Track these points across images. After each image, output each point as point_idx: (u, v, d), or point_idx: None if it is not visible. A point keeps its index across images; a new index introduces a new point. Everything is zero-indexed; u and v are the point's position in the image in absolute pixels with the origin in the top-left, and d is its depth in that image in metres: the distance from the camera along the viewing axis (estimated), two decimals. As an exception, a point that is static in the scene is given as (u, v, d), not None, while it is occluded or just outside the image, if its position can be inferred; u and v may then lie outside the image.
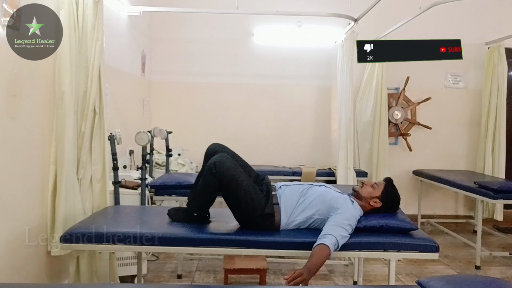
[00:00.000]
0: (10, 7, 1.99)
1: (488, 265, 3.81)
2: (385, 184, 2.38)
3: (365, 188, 2.36)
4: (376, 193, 2.34)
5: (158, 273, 3.38)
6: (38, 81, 2.36)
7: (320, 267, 2.01)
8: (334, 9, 4.23)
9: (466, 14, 5.05)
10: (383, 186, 2.37)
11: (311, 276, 1.94)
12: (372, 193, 2.34)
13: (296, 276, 1.89)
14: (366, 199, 2.34)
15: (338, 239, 2.04)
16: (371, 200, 2.33)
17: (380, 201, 2.33)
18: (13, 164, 2.16)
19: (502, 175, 4.81)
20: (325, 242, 2.01)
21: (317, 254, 2.00)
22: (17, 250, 2.21)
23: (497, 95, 4.88)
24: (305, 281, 1.90)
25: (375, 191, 2.34)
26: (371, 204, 2.33)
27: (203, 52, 5.08)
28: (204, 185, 2.26)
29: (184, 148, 4.63)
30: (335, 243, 2.02)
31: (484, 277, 2.04)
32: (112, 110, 3.51)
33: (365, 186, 2.37)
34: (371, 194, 2.34)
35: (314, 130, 5.25)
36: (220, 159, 2.20)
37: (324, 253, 2.00)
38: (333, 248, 2.01)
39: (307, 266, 1.96)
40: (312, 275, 1.96)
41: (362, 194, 2.34)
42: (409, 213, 3.79)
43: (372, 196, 2.33)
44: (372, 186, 2.36)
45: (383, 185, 2.37)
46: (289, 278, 1.89)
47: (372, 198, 2.33)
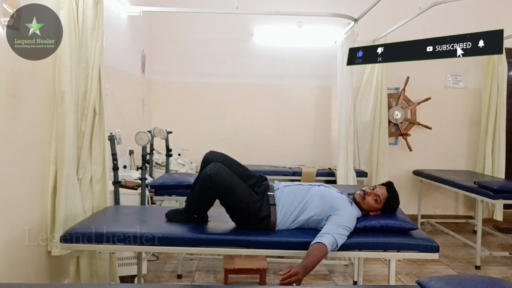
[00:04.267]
0: (10, 7, 1.99)
1: (488, 265, 3.81)
2: (387, 198, 2.34)
3: (367, 201, 2.32)
4: (377, 207, 2.33)
5: (158, 273, 3.38)
6: (38, 81, 2.36)
7: (315, 265, 2.01)
8: (334, 9, 4.23)
9: (466, 14, 5.04)
10: (385, 199, 2.33)
11: (306, 274, 1.95)
12: (373, 207, 2.33)
13: (291, 274, 1.90)
14: (366, 210, 2.34)
15: (336, 239, 2.04)
16: (370, 211, 2.34)
17: (380, 211, 2.34)
18: (13, 164, 2.16)
19: (502, 175, 4.81)
20: (323, 241, 2.02)
21: (314, 253, 2.01)
22: (17, 250, 2.22)
23: (497, 95, 4.88)
24: (299, 281, 1.91)
25: (377, 205, 2.32)
26: (370, 214, 2.34)
27: (203, 52, 5.08)
28: (201, 195, 2.29)
29: (184, 148, 4.63)
30: (333, 242, 2.02)
31: (484, 277, 2.04)
32: (112, 110, 3.51)
33: (367, 199, 2.32)
34: (372, 207, 2.33)
35: (314, 130, 5.25)
36: (213, 171, 2.21)
37: (320, 252, 2.00)
38: (331, 247, 2.01)
39: (303, 264, 1.97)
40: (307, 273, 1.97)
41: (363, 207, 2.33)
42: (409, 213, 3.80)
43: (374, 208, 2.33)
44: (375, 200, 2.32)
45: (385, 197, 2.33)
46: (285, 276, 1.89)
47: (372, 210, 2.34)
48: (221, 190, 2.22)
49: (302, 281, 1.94)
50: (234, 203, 2.24)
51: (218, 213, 2.51)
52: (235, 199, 2.23)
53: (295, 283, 1.89)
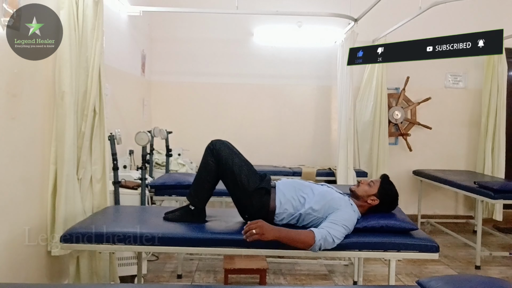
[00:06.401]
0: (10, 7, 1.99)
1: (488, 265, 3.81)
2: (381, 181, 2.37)
3: (361, 187, 2.36)
4: (372, 191, 2.33)
5: (158, 273, 3.38)
6: (38, 81, 2.36)
7: (290, 241, 2.03)
8: (334, 9, 4.23)
9: (466, 14, 5.05)
10: (379, 183, 2.36)
11: (274, 237, 2.00)
12: (369, 191, 2.33)
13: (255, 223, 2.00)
14: (363, 197, 2.33)
15: (331, 234, 2.03)
16: (368, 198, 2.32)
17: (378, 199, 2.32)
18: (13, 164, 2.16)
19: (502, 175, 4.81)
20: (314, 230, 2.04)
21: (299, 232, 2.07)
22: (17, 250, 2.22)
23: (497, 95, 4.88)
24: (262, 236, 1.97)
25: (371, 189, 2.33)
26: (368, 202, 2.32)
27: (203, 52, 5.08)
28: (203, 165, 2.33)
29: (184, 148, 4.63)
30: (325, 235, 2.02)
31: (484, 277, 2.04)
32: (112, 110, 3.51)
33: (361, 185, 2.37)
34: (368, 192, 2.33)
35: (314, 130, 5.25)
36: (218, 140, 2.35)
37: (307, 236, 2.02)
38: (319, 239, 2.01)
39: (282, 228, 2.08)
40: (276, 238, 2.01)
41: (359, 193, 2.34)
42: (409, 213, 3.80)
43: (369, 194, 2.33)
44: (368, 184, 2.35)
45: (379, 182, 2.36)
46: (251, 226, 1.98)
47: (369, 196, 2.32)
48: (223, 155, 2.27)
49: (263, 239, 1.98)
50: (234, 170, 2.26)
51: (219, 213, 2.52)
52: (235, 167, 2.26)
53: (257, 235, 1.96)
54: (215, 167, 2.29)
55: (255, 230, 1.97)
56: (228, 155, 2.29)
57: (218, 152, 2.29)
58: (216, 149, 2.30)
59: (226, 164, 2.28)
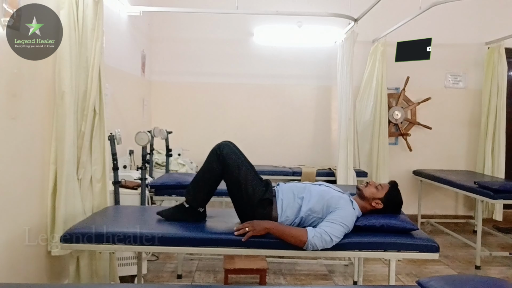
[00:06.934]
0: (10, 7, 1.99)
1: (488, 265, 3.81)
2: (389, 187, 2.36)
3: (369, 188, 2.35)
4: (379, 195, 2.33)
5: (158, 273, 3.38)
6: (38, 81, 2.36)
7: (281, 234, 2.08)
8: (334, 9, 4.23)
9: (466, 14, 5.05)
10: (387, 188, 2.35)
11: (265, 229, 2.09)
12: (376, 194, 2.33)
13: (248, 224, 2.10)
14: (369, 199, 2.33)
15: (327, 232, 2.05)
16: (373, 201, 2.32)
17: (382, 203, 2.32)
18: (13, 164, 2.16)
19: (502, 175, 4.81)
20: (308, 228, 2.09)
21: (292, 227, 2.15)
22: (17, 250, 2.22)
23: (497, 95, 4.88)
24: (255, 231, 2.07)
25: (378, 193, 2.33)
26: (372, 205, 2.32)
27: (203, 52, 5.08)
28: (207, 168, 2.29)
29: (184, 148, 4.63)
30: (319, 234, 2.04)
31: (484, 277, 2.04)
32: (112, 110, 3.51)
33: (369, 186, 2.36)
34: (374, 195, 2.33)
35: (314, 130, 5.25)
36: (225, 143, 2.30)
37: (298, 231, 2.08)
38: (313, 235, 2.03)
39: (274, 222, 2.16)
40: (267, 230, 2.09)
41: (366, 194, 2.34)
42: (409, 213, 3.79)
43: (375, 197, 2.32)
44: (376, 187, 2.34)
45: (387, 188, 2.35)
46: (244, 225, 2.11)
47: (374, 199, 2.32)
48: (229, 162, 2.24)
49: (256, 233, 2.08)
50: (239, 179, 2.24)
51: (219, 213, 2.51)
52: (241, 175, 2.24)
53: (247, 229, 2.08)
54: (220, 172, 2.27)
55: (248, 228, 2.08)
56: (235, 163, 2.25)
57: (225, 158, 2.24)
58: (223, 155, 2.24)
59: (232, 172, 2.25)
